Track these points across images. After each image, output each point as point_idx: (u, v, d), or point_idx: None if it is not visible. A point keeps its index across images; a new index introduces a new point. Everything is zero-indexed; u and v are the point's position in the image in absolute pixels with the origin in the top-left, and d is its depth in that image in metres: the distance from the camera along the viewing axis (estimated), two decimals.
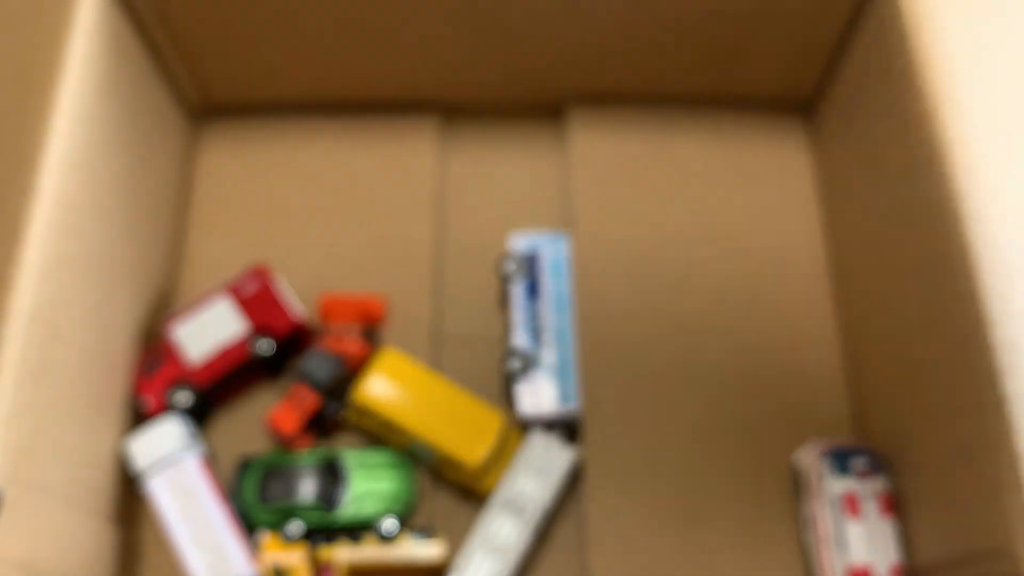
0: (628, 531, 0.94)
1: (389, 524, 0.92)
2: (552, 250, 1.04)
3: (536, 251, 1.03)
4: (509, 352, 0.98)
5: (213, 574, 0.90)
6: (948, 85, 0.83)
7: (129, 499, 0.96)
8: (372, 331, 1.03)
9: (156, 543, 0.95)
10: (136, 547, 0.95)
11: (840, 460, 0.91)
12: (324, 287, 1.06)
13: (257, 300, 1.01)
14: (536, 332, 0.99)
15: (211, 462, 0.97)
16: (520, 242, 1.04)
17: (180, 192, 1.12)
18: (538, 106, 1.17)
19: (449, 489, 0.99)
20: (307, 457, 0.97)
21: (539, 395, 0.97)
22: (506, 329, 1.01)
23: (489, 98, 1.16)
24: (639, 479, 0.96)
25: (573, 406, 0.96)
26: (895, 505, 0.90)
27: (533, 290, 1.01)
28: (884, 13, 0.91)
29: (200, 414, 0.99)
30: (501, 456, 0.96)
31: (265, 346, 0.99)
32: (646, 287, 1.05)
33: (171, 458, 0.94)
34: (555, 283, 1.01)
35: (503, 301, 1.06)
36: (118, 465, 0.94)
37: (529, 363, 0.97)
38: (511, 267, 1.02)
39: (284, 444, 0.98)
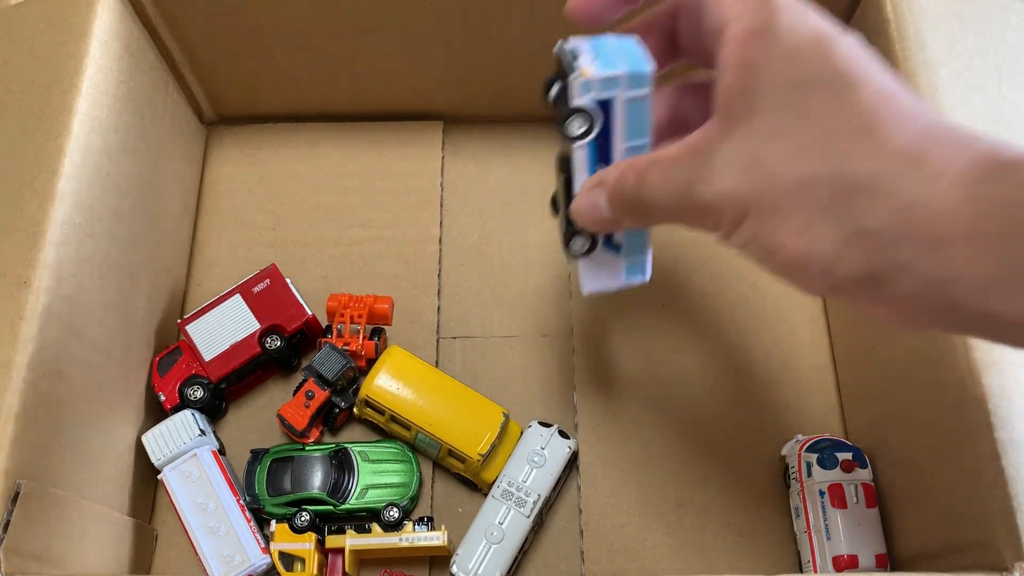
0: (622, 518, 0.96)
1: (394, 513, 0.94)
2: (631, 89, 0.68)
3: (612, 95, 0.68)
4: (569, 236, 0.78)
5: (226, 563, 0.91)
6: (930, 92, 0.84)
7: (144, 492, 0.97)
8: (379, 330, 1.04)
9: (171, 534, 0.97)
10: (151, 538, 0.97)
11: (826, 453, 0.92)
12: (332, 288, 1.08)
13: (268, 299, 1.02)
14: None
15: (224, 455, 0.99)
16: (592, 71, 0.67)
17: (194, 195, 1.14)
18: (535, 115, 1.16)
19: (451, 479, 1.00)
20: (316, 450, 0.98)
21: (605, 270, 0.80)
22: (561, 203, 0.79)
23: (488, 109, 1.17)
24: (632, 469, 0.98)
25: (645, 278, 0.81)
26: (879, 497, 0.91)
27: (604, 154, 0.72)
28: (871, 23, 0.92)
29: (214, 409, 1.01)
30: (501, 448, 0.98)
31: (276, 343, 1.00)
32: (641, 287, 1.06)
33: (185, 451, 0.95)
34: (633, 141, 0.71)
35: (562, 167, 0.75)
36: (134, 459, 0.95)
37: (595, 243, 0.78)
38: (577, 127, 0.70)
39: (294, 437, 1.00)
